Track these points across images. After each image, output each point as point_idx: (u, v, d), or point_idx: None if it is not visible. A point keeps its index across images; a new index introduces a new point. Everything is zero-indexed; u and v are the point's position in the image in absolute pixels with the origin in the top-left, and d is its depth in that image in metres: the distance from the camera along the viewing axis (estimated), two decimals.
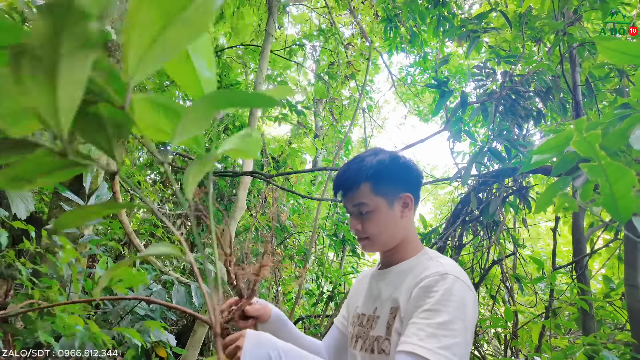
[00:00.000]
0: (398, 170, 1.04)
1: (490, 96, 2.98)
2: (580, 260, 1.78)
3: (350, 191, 1.03)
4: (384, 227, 1.01)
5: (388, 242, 1.03)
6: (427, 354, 0.79)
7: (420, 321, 0.85)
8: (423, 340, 0.81)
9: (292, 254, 5.15)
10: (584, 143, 0.58)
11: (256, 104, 0.37)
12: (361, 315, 1.06)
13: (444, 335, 0.81)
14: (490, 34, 3.11)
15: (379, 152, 1.07)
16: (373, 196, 1.01)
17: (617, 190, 0.54)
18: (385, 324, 0.96)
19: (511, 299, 2.84)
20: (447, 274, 0.89)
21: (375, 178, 1.01)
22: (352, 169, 1.04)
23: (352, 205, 1.03)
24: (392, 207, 1.02)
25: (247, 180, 3.79)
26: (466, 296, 0.88)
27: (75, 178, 2.24)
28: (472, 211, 3.04)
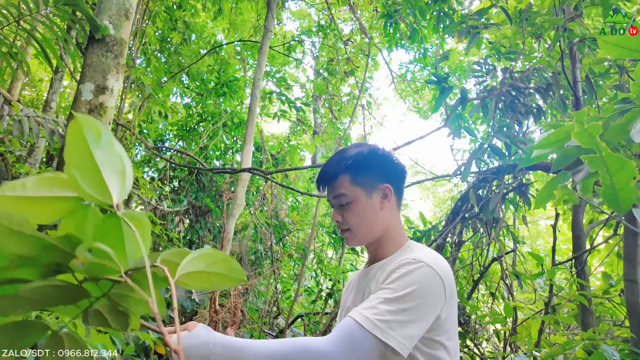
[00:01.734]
0: (376, 161, 1.04)
1: (491, 92, 2.97)
2: (580, 257, 1.78)
3: (330, 183, 1.04)
4: (362, 217, 1.01)
5: (368, 234, 1.03)
6: (362, 320, 0.80)
7: (373, 296, 0.87)
8: (366, 310, 0.82)
9: (291, 251, 5.15)
10: (585, 134, 0.57)
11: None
12: (347, 309, 1.07)
13: (390, 311, 0.81)
14: (491, 30, 3.10)
15: (360, 145, 1.08)
16: (352, 187, 1.01)
17: (617, 181, 0.54)
18: None
19: (510, 296, 2.84)
20: (417, 260, 0.89)
21: (353, 169, 1.02)
22: (333, 162, 1.06)
23: (333, 197, 1.04)
24: (370, 197, 1.02)
25: (245, 177, 3.78)
26: (430, 284, 0.86)
27: None
28: (472, 208, 3.04)
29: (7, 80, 5.89)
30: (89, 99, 2.32)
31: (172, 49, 6.08)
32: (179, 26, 5.87)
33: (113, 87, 2.41)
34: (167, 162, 4.51)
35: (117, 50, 2.44)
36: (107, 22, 2.40)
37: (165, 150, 5.42)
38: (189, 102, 6.68)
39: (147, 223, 0.39)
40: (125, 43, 2.53)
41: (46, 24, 2.49)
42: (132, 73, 4.55)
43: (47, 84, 8.84)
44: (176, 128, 6.04)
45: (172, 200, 4.72)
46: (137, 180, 3.79)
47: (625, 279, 1.24)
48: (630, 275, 1.23)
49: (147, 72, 5.48)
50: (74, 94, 2.38)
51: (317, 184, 1.10)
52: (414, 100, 7.91)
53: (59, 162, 2.27)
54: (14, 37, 2.83)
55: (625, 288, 1.22)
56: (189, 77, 6.43)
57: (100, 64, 2.36)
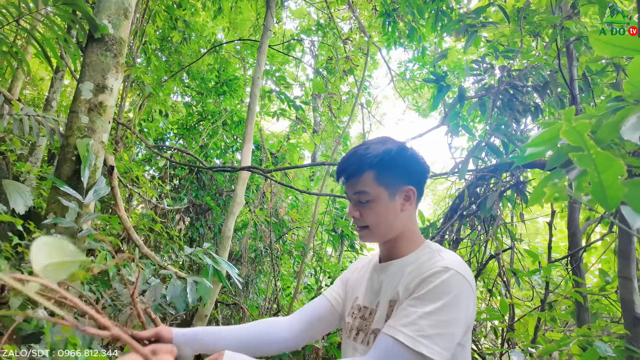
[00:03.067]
0: (404, 162, 1.00)
1: (488, 91, 2.98)
2: (576, 254, 1.79)
3: (352, 178, 1.00)
4: (383, 217, 0.98)
5: (385, 234, 1.00)
6: (406, 340, 0.79)
7: (408, 308, 0.84)
8: (406, 327, 0.81)
9: (290, 249, 5.17)
10: (573, 132, 0.58)
11: None
12: (363, 307, 1.04)
13: (428, 325, 0.80)
14: (489, 28, 3.10)
15: (387, 140, 1.03)
16: (375, 185, 0.97)
17: (605, 179, 0.55)
18: (384, 317, 0.94)
19: (508, 293, 2.86)
20: (448, 267, 0.87)
21: (379, 167, 0.97)
22: (357, 155, 1.00)
23: (352, 193, 1.00)
24: (393, 198, 0.99)
25: (245, 176, 3.80)
26: (462, 291, 0.85)
27: (73, 173, 2.24)
28: (470, 206, 3.05)
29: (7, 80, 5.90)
30: (89, 97, 2.33)
31: (172, 48, 6.09)
32: (179, 25, 5.88)
33: (113, 86, 2.43)
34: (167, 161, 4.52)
35: (117, 49, 2.45)
36: (106, 22, 2.42)
37: (165, 149, 5.43)
38: (189, 100, 6.69)
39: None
40: (125, 42, 2.54)
41: (46, 23, 2.50)
42: (132, 72, 4.56)
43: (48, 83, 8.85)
44: (176, 127, 6.05)
45: (172, 199, 4.73)
46: (137, 178, 3.81)
47: (620, 276, 1.25)
48: (624, 272, 1.24)
49: (148, 71, 5.50)
50: (74, 93, 2.40)
51: (336, 175, 1.04)
52: (413, 99, 7.92)
53: (59, 161, 2.28)
54: (14, 37, 2.85)
55: (619, 285, 1.24)
56: (189, 76, 6.45)
57: (99, 63, 2.38)
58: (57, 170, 2.26)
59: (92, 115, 2.32)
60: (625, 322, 1.19)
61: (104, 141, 2.41)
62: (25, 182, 4.17)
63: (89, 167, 2.24)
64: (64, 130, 2.35)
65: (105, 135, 2.42)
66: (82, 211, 2.21)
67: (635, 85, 0.87)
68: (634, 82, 0.87)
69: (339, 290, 1.16)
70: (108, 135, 2.49)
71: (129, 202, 4.43)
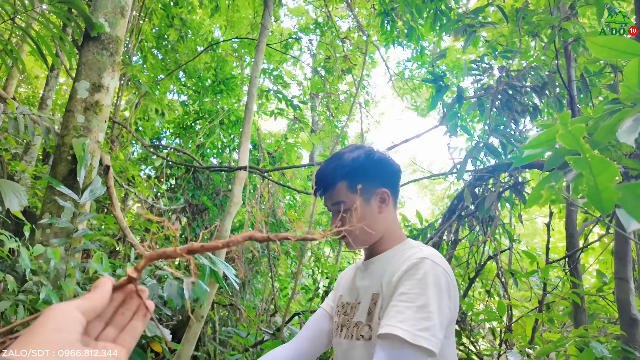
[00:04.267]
0: (372, 167, 1.04)
1: (487, 91, 2.98)
2: (573, 255, 1.79)
3: (327, 191, 1.04)
4: (362, 224, 1.00)
5: (368, 239, 1.04)
6: (406, 336, 0.80)
7: (400, 304, 0.86)
8: (403, 323, 0.83)
9: (288, 249, 5.16)
10: (569, 136, 0.58)
11: None
12: (345, 304, 1.07)
13: (423, 318, 0.82)
14: (488, 28, 3.10)
15: (355, 149, 1.07)
16: (350, 194, 1.01)
17: (601, 182, 0.54)
18: (367, 309, 0.97)
19: (506, 294, 2.86)
20: (426, 258, 0.91)
21: (350, 176, 1.02)
22: (329, 169, 1.05)
23: (331, 204, 1.05)
24: (369, 203, 1.03)
25: (242, 176, 3.78)
26: (443, 280, 0.89)
27: (69, 172, 2.22)
28: (468, 206, 3.05)
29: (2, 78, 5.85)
30: (85, 97, 2.31)
31: (168, 46, 6.06)
32: (175, 23, 5.84)
33: (109, 85, 2.41)
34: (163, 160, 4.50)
35: (113, 48, 2.43)
36: (103, 20, 2.40)
37: (161, 148, 5.41)
38: (185, 99, 6.66)
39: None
40: (121, 41, 2.52)
41: (41, 21, 2.48)
42: (128, 70, 4.53)
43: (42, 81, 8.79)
44: (173, 126, 6.02)
45: (168, 199, 4.71)
46: (133, 178, 3.78)
47: (616, 277, 1.25)
48: (620, 273, 1.24)
49: (144, 70, 5.46)
50: (70, 91, 2.38)
51: (314, 191, 1.09)
52: (411, 99, 7.92)
53: (55, 160, 2.26)
54: (9, 35, 2.81)
55: (615, 286, 1.24)
56: (185, 75, 6.41)
57: (95, 62, 2.36)
58: (53, 170, 2.24)
59: (88, 115, 2.30)
60: (622, 323, 1.19)
61: (100, 140, 2.39)
62: (20, 181, 4.13)
63: (85, 167, 2.22)
64: (60, 129, 2.33)
65: (101, 135, 2.40)
66: (78, 211, 2.19)
67: (631, 87, 0.87)
68: (629, 85, 0.86)
69: (332, 297, 1.20)
70: (104, 135, 2.47)
71: (125, 202, 4.40)
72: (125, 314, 0.50)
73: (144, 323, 0.52)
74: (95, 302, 0.46)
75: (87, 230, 2.28)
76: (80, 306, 0.44)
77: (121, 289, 0.50)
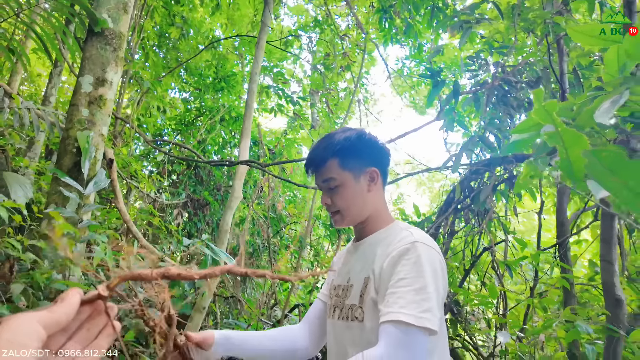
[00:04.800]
0: (363, 146, 1.08)
1: (483, 86, 3.03)
2: (563, 242, 1.85)
3: (319, 167, 1.08)
4: (352, 200, 1.05)
5: (357, 216, 1.07)
6: (411, 319, 0.83)
7: (399, 290, 0.89)
8: (405, 308, 0.85)
9: (288, 243, 5.22)
10: (542, 111, 0.63)
11: None
12: (337, 286, 1.10)
13: (423, 300, 0.86)
14: (485, 25, 3.15)
15: (347, 130, 1.11)
16: (340, 171, 1.05)
17: (572, 154, 0.60)
18: (359, 292, 1.00)
19: (501, 284, 2.92)
20: (417, 241, 0.94)
21: (341, 153, 1.05)
22: (320, 147, 1.09)
23: (321, 181, 1.08)
24: (358, 181, 1.06)
25: (243, 170, 3.83)
26: (435, 260, 0.93)
27: (73, 165, 2.28)
28: (464, 199, 3.11)
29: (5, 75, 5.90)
30: (89, 91, 2.37)
31: (170, 44, 6.11)
32: (177, 21, 5.89)
33: (112, 80, 2.46)
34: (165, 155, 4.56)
35: (116, 43, 2.49)
36: (106, 16, 2.45)
37: (163, 143, 5.46)
38: (187, 96, 6.72)
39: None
40: (124, 36, 2.57)
41: (45, 17, 2.53)
42: (130, 67, 4.58)
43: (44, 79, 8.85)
44: (174, 122, 6.08)
45: (170, 194, 4.77)
46: (135, 172, 3.84)
47: (602, 260, 1.30)
48: (606, 256, 1.29)
49: (146, 67, 5.52)
50: (74, 86, 2.43)
51: (305, 168, 1.13)
52: (410, 96, 7.97)
53: (60, 153, 2.32)
54: (12, 31, 2.86)
55: (601, 268, 1.29)
56: (187, 72, 6.46)
57: (99, 57, 2.41)
58: (58, 162, 2.29)
59: (92, 108, 2.35)
60: (607, 303, 1.24)
61: (104, 134, 2.45)
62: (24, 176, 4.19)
63: (89, 159, 2.28)
64: (65, 123, 2.38)
65: (104, 128, 2.46)
66: (83, 202, 2.24)
67: (612, 74, 0.92)
68: (610, 71, 0.92)
69: (326, 286, 1.23)
70: (107, 128, 2.53)
71: (127, 197, 4.46)
72: (91, 330, 0.49)
73: (109, 342, 0.49)
74: (60, 315, 0.44)
75: (91, 221, 2.34)
76: (43, 319, 0.42)
77: (90, 304, 0.49)
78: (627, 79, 0.83)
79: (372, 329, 0.95)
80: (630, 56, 0.78)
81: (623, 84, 0.81)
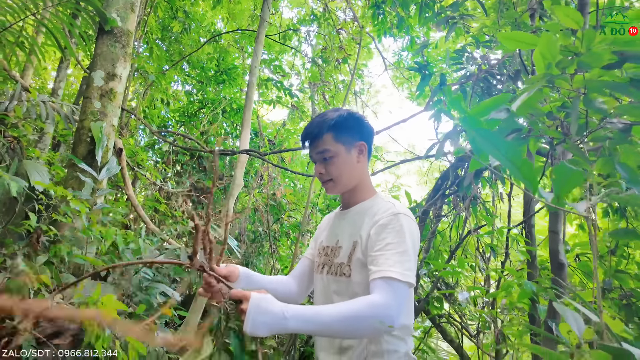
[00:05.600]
0: (354, 123, 1.26)
1: (469, 78, 3.21)
2: (529, 220, 2.05)
3: (315, 140, 1.24)
4: (343, 168, 1.22)
5: (347, 183, 1.25)
6: (398, 275, 1.03)
7: (386, 252, 1.08)
8: (393, 267, 1.05)
9: (288, 231, 5.44)
10: (469, 118, 0.83)
11: None
12: (325, 247, 1.30)
13: (406, 260, 1.06)
14: (471, 20, 3.32)
15: (338, 109, 1.29)
16: (334, 143, 1.22)
17: (476, 140, 0.79)
18: (348, 253, 1.20)
19: (485, 265, 3.13)
20: (399, 213, 1.14)
21: (335, 128, 1.22)
22: (316, 122, 1.25)
23: (316, 153, 1.25)
24: (349, 152, 1.24)
25: (243, 159, 4.05)
26: (413, 229, 1.14)
27: (88, 152, 2.49)
28: (452, 186, 3.31)
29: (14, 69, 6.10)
30: (100, 85, 2.57)
31: (173, 37, 6.29)
32: (179, 15, 6.07)
33: (121, 74, 2.67)
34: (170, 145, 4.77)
35: (125, 40, 2.69)
36: (115, 15, 2.64)
37: (168, 134, 5.68)
38: (189, 89, 6.91)
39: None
40: (132, 34, 2.77)
41: (53, 13, 2.71)
42: (136, 61, 4.78)
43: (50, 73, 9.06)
44: (178, 114, 6.28)
45: (176, 182, 4.99)
46: (142, 161, 4.06)
47: (550, 230, 1.50)
48: (553, 227, 1.49)
49: (150, 61, 5.71)
50: (87, 81, 2.64)
51: (301, 140, 1.30)
52: (408, 88, 8.12)
53: (75, 142, 2.53)
54: (20, 27, 3.03)
55: (549, 238, 1.49)
56: (189, 65, 6.65)
57: (109, 53, 2.61)
58: (74, 150, 2.51)
59: (103, 101, 2.56)
60: (552, 267, 1.44)
61: (115, 124, 2.66)
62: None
63: (102, 148, 2.49)
64: (79, 114, 2.60)
65: (115, 119, 2.67)
66: (97, 186, 2.46)
67: (540, 70, 1.12)
68: (539, 69, 1.11)
69: (312, 246, 1.44)
70: (118, 119, 2.74)
71: (134, 185, 4.69)
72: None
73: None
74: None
75: (104, 204, 2.56)
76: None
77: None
78: (544, 76, 1.03)
79: (357, 284, 1.15)
80: (544, 57, 0.97)
81: (540, 80, 1.01)
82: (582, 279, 2.43)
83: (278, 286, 1.35)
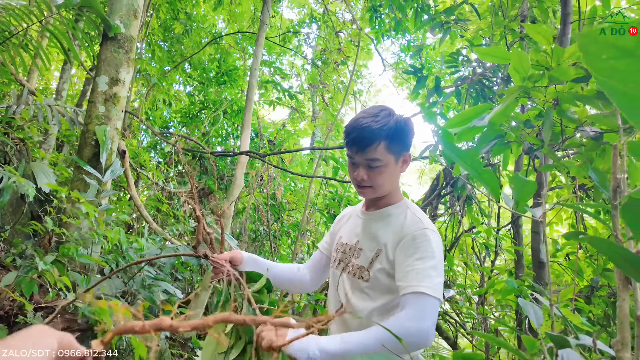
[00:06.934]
0: (408, 132, 1.19)
1: (464, 81, 3.29)
2: (516, 220, 2.13)
3: (366, 147, 1.15)
4: (388, 179, 1.19)
5: (385, 191, 1.22)
6: (429, 291, 1.05)
7: (417, 266, 1.09)
8: (423, 281, 1.06)
9: (288, 230, 5.53)
10: (430, 113, 0.91)
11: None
12: (344, 244, 1.30)
13: (436, 276, 1.08)
14: (470, 23, 3.39)
15: (392, 112, 1.19)
16: (386, 154, 1.16)
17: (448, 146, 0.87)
18: (369, 258, 1.21)
19: (479, 263, 3.21)
20: (427, 229, 1.14)
21: (390, 138, 1.14)
22: (369, 128, 1.14)
23: (364, 159, 1.17)
24: (397, 163, 1.20)
25: (244, 160, 4.13)
26: (439, 244, 1.16)
27: (93, 155, 2.58)
28: (447, 186, 3.39)
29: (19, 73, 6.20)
30: (105, 89, 2.66)
31: (174, 38, 6.37)
32: (180, 17, 6.15)
33: (125, 79, 2.76)
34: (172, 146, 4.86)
35: (128, 46, 2.77)
36: (119, 22, 2.73)
37: (170, 135, 5.78)
38: (191, 90, 7.00)
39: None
40: (134, 39, 2.85)
41: (57, 18, 2.78)
42: (138, 64, 4.87)
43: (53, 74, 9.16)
44: (179, 115, 6.38)
45: (178, 183, 5.09)
46: (145, 162, 4.15)
47: (532, 231, 1.58)
48: (535, 228, 1.57)
49: (152, 62, 5.80)
50: (92, 85, 2.72)
51: (347, 143, 1.19)
52: (408, 88, 8.18)
53: (80, 145, 2.62)
54: (24, 30, 3.10)
55: (531, 238, 1.57)
56: (191, 66, 6.74)
57: (113, 59, 2.70)
58: (79, 153, 2.60)
59: (107, 105, 2.65)
60: (533, 265, 1.52)
61: (118, 128, 2.75)
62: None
63: (106, 151, 2.58)
64: (84, 118, 2.68)
65: (119, 123, 2.76)
66: (101, 188, 2.56)
67: (516, 82, 1.20)
68: (515, 81, 1.19)
69: (327, 239, 1.47)
70: (121, 123, 2.83)
71: (136, 185, 4.78)
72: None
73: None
74: (73, 343, 0.51)
75: (109, 205, 2.65)
76: (62, 337, 0.49)
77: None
78: (519, 88, 1.11)
79: (371, 287, 1.19)
80: (517, 71, 1.05)
81: (515, 92, 1.09)
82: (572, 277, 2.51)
83: (286, 272, 1.39)
